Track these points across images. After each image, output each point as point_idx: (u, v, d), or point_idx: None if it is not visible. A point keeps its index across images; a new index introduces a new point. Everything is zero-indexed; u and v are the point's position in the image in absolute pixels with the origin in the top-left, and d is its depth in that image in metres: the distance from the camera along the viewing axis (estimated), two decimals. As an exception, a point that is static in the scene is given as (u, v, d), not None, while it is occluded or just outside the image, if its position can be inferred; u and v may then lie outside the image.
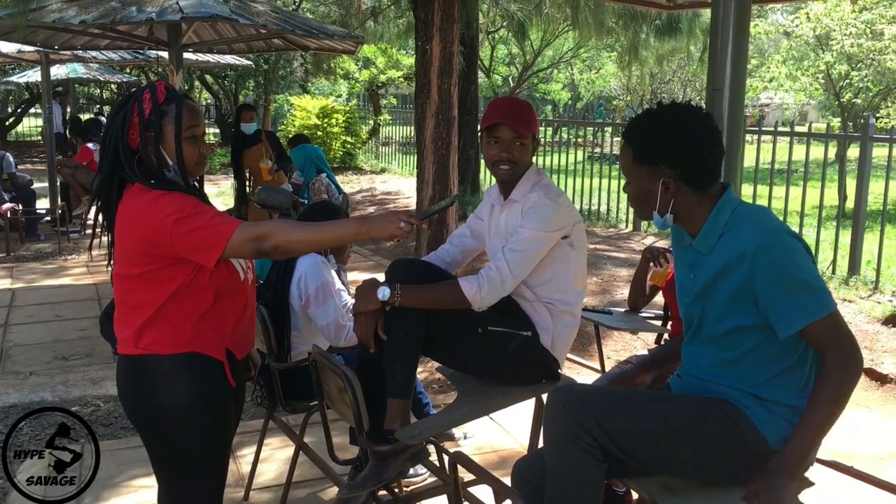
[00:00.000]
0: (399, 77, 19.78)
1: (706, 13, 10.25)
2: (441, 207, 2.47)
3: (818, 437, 1.95)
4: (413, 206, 7.63)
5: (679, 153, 2.05)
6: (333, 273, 3.53)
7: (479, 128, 2.90)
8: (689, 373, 2.23)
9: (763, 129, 9.34)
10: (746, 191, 8.81)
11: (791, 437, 1.96)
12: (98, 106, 23.71)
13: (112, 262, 2.17)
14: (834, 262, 7.08)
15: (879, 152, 9.16)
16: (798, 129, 10.84)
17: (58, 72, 14.83)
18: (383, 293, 2.44)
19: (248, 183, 7.66)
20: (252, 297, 2.30)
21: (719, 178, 2.13)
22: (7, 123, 26.15)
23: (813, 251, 7.29)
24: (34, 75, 15.72)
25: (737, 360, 2.07)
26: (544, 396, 2.71)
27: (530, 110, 2.70)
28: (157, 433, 2.17)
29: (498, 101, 2.77)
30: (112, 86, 23.48)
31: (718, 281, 2.04)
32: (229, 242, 2.00)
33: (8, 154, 9.69)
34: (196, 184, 2.24)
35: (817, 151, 9.38)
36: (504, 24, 14.64)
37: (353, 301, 2.55)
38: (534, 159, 2.72)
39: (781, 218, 7.83)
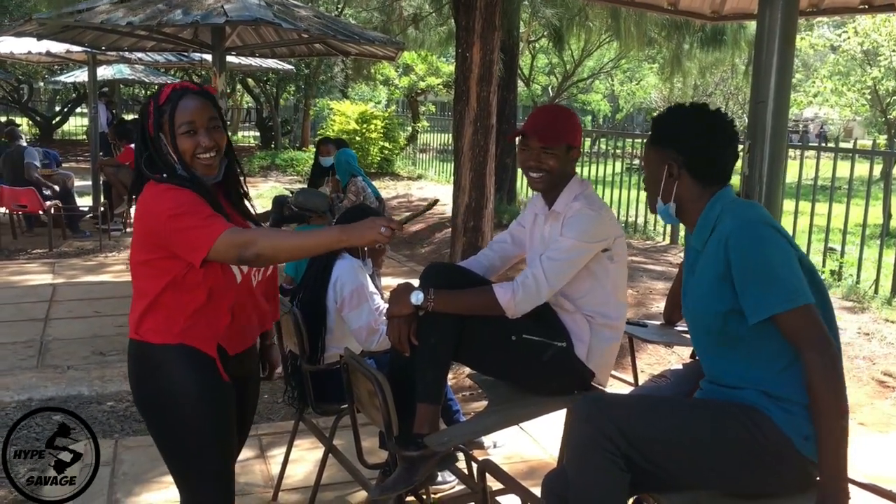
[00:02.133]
0: (438, 84, 19.82)
1: (751, 26, 10.13)
2: (420, 212, 2.44)
3: (842, 452, 1.92)
4: (449, 214, 7.62)
5: (688, 140, 2.16)
6: (368, 277, 3.54)
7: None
8: (707, 380, 2.23)
9: (807, 144, 9.19)
10: (788, 206, 8.67)
11: (819, 466, 1.93)
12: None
13: None
14: (877, 281, 6.93)
15: (927, 170, 8.95)
16: (843, 145, 10.64)
17: (104, 72, 15.12)
18: (417, 298, 2.44)
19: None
20: (254, 297, 2.29)
21: (727, 179, 2.19)
22: (54, 122, 26.73)
23: (855, 270, 7.18)
24: (81, 75, 16.03)
25: (742, 356, 2.07)
26: (576, 407, 2.69)
27: (565, 120, 2.66)
28: (151, 421, 2.25)
29: (536, 110, 2.76)
30: (156, 87, 23.86)
31: (714, 279, 2.06)
32: (214, 245, 2.02)
33: (31, 149, 9.81)
34: (218, 182, 2.26)
35: (862, 168, 9.20)
36: (545, 33, 14.61)
37: (386, 306, 2.56)
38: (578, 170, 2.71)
39: (823, 235, 7.69)
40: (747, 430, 1.99)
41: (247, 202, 2.39)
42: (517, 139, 2.75)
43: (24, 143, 9.79)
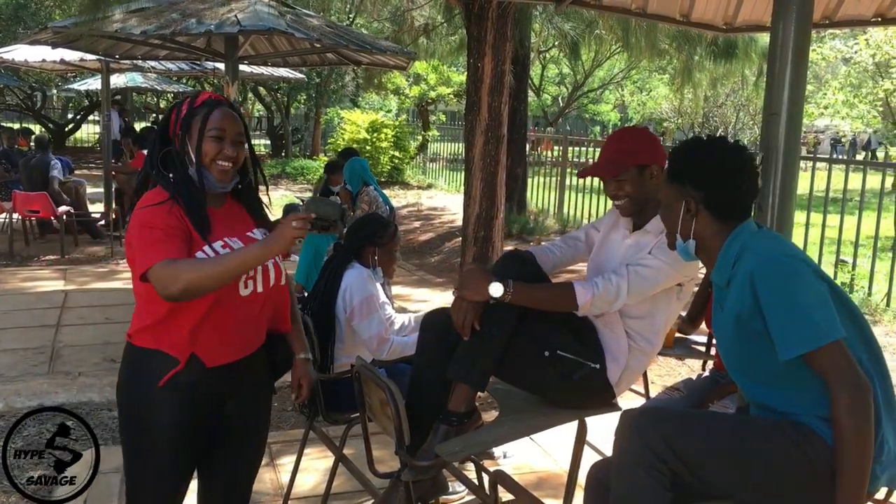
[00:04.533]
0: (449, 94, 19.88)
1: (762, 38, 10.12)
2: (328, 215, 2.31)
3: (861, 486, 1.89)
4: (459, 223, 7.62)
5: (706, 177, 2.12)
6: (378, 286, 3.55)
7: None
8: (755, 404, 2.19)
9: (818, 156, 9.17)
10: (799, 218, 8.64)
11: (837, 499, 1.90)
12: (154, 115, 24.27)
13: None
14: (889, 293, 6.90)
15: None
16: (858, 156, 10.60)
17: (117, 80, 15.23)
18: (497, 289, 2.39)
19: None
20: (249, 305, 2.25)
21: (747, 214, 2.14)
22: (67, 129, 26.90)
23: (867, 282, 7.14)
24: (94, 83, 16.16)
25: (787, 386, 2.03)
26: (588, 419, 2.68)
27: (624, 144, 2.63)
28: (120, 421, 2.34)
29: (606, 139, 2.77)
30: (169, 95, 24.02)
31: (742, 314, 2.02)
32: (147, 271, 2.03)
33: (58, 161, 9.91)
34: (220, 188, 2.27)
35: (874, 180, 9.17)
36: (556, 43, 14.64)
37: (397, 316, 2.54)
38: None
39: (834, 247, 7.66)
40: (800, 449, 1.96)
41: (266, 210, 2.41)
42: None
43: (51, 154, 9.85)
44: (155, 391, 2.18)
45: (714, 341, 3.73)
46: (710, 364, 3.76)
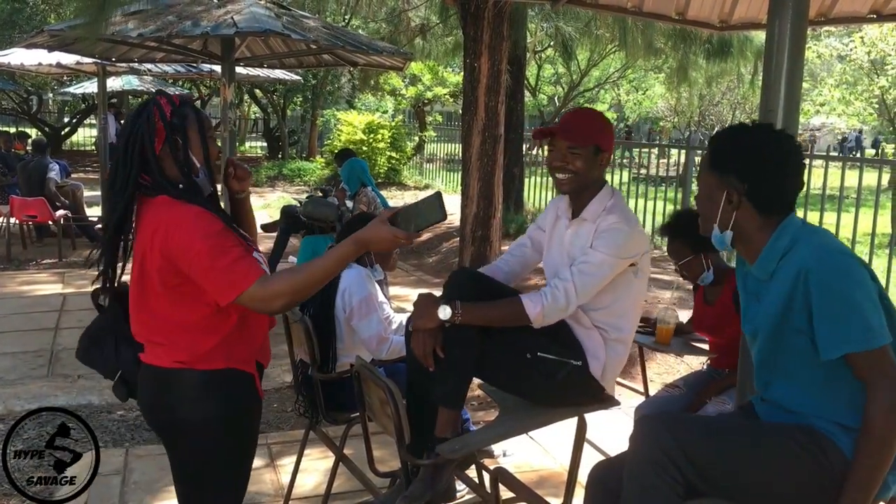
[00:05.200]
0: (445, 94, 19.89)
1: (757, 36, 10.14)
2: (431, 223, 2.11)
3: (870, 491, 1.88)
4: (456, 223, 7.63)
5: (752, 168, 2.02)
6: (377, 286, 3.55)
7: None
8: (766, 401, 2.16)
9: (815, 153, 9.19)
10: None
11: (842, 496, 1.89)
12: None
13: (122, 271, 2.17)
14: (886, 290, 6.91)
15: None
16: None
17: (113, 84, 15.19)
18: (445, 312, 2.39)
19: None
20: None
21: (790, 209, 2.06)
22: (63, 133, 26.85)
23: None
24: (90, 87, 16.11)
25: (812, 385, 2.00)
26: (587, 416, 2.69)
27: (594, 121, 2.62)
28: (185, 446, 2.18)
29: (567, 112, 2.74)
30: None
31: (785, 309, 1.97)
32: (240, 297, 1.96)
33: (56, 164, 9.89)
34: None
35: (870, 178, 9.19)
36: (551, 43, 14.65)
37: (396, 315, 2.53)
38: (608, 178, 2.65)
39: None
40: (814, 459, 1.94)
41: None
42: (546, 142, 2.70)
43: (49, 158, 9.84)
44: (255, 404, 2.20)
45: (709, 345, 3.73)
46: (707, 361, 3.77)
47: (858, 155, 20.85)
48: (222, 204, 2.29)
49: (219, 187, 2.25)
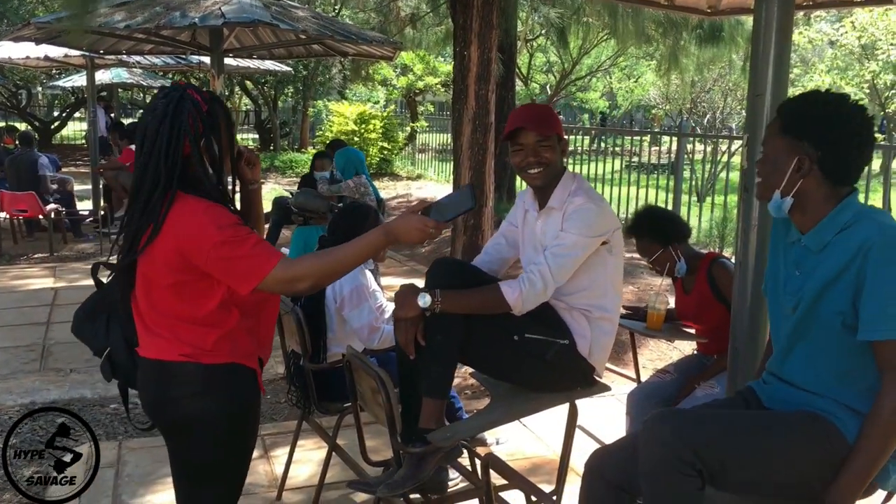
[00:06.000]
0: (436, 84, 19.84)
1: (748, 21, 10.12)
2: (461, 212, 2.18)
3: (866, 476, 1.89)
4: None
5: (828, 135, 1.97)
6: (368, 275, 3.54)
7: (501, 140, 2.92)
8: (776, 376, 2.15)
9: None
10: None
11: (839, 475, 1.90)
12: (141, 111, 24.13)
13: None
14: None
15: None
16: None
17: (102, 76, 15.12)
18: (424, 300, 2.41)
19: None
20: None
21: (855, 181, 2.05)
22: (53, 127, 26.71)
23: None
24: (80, 80, 16.03)
25: (832, 364, 1.99)
26: (578, 402, 2.69)
27: (549, 112, 2.70)
28: (190, 441, 2.16)
29: (515, 109, 2.77)
30: (155, 91, 23.85)
31: (832, 284, 1.95)
32: (264, 280, 1.94)
33: (44, 157, 9.86)
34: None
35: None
36: (543, 31, 14.61)
37: (389, 304, 2.54)
38: (573, 167, 2.69)
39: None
40: (821, 446, 1.94)
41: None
42: (504, 145, 2.72)
43: (37, 151, 9.79)
44: (256, 399, 2.19)
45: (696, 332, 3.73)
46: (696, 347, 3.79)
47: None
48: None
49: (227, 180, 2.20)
